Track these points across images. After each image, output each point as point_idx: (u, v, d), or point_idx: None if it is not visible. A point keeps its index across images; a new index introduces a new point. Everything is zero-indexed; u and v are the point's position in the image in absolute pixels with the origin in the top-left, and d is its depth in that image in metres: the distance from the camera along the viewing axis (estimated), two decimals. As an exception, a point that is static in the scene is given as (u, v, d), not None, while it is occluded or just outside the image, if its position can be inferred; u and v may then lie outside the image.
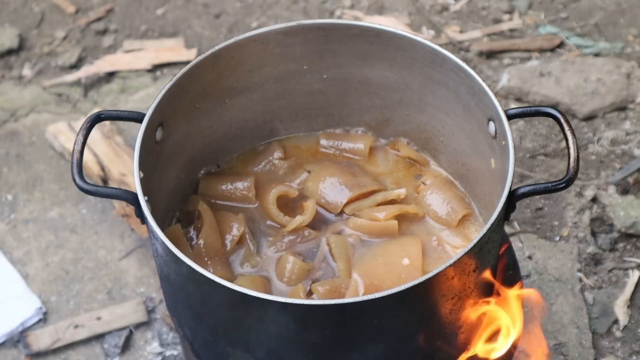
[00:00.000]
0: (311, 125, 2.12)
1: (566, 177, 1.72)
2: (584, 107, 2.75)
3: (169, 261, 1.69)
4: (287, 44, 1.96)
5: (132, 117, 1.83)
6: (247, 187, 1.99)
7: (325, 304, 1.58)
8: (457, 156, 2.02)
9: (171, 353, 2.30)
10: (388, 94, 2.04)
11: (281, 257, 1.89)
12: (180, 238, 1.88)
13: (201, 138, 2.00)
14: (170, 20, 3.06)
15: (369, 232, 1.92)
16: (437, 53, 1.89)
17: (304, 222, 1.92)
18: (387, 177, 2.04)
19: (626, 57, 2.87)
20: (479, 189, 1.98)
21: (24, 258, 2.49)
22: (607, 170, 2.61)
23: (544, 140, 2.69)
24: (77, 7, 3.10)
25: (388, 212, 1.92)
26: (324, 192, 1.96)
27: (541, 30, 2.96)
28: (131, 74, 2.92)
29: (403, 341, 1.73)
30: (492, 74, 2.85)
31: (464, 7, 3.05)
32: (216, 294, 1.63)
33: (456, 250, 1.89)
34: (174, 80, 1.85)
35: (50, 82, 2.91)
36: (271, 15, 3.05)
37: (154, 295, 2.40)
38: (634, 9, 3.01)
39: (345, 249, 1.89)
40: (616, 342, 2.31)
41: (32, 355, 2.32)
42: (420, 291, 1.61)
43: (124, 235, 2.52)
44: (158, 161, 1.86)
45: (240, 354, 1.77)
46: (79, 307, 2.40)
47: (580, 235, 2.47)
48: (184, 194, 2.01)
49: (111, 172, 2.58)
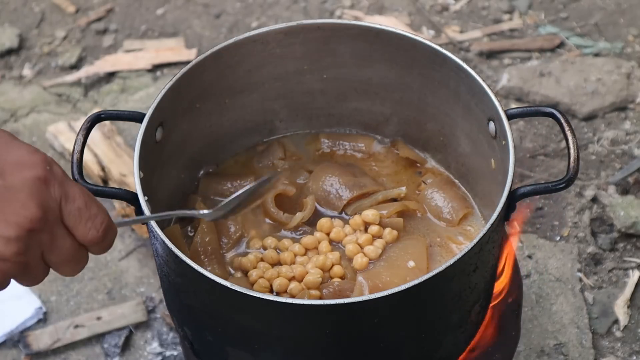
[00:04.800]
0: (311, 125, 2.12)
1: (566, 177, 1.72)
2: (584, 107, 2.75)
3: (169, 261, 1.69)
4: (287, 44, 1.96)
5: (132, 117, 1.83)
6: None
7: (325, 304, 1.58)
8: (457, 156, 2.02)
9: (171, 353, 2.30)
10: (388, 94, 2.04)
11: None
12: (179, 238, 1.88)
13: (201, 138, 2.00)
14: (170, 20, 3.06)
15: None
16: (437, 53, 1.89)
17: (304, 219, 1.92)
18: (388, 177, 2.04)
19: (626, 57, 2.87)
20: (479, 188, 1.98)
21: (24, 258, 2.49)
22: (607, 170, 2.61)
23: (544, 140, 2.69)
24: (77, 7, 3.10)
25: (390, 209, 1.92)
26: (325, 192, 1.96)
27: (541, 30, 2.96)
28: (131, 74, 2.92)
29: (403, 341, 1.73)
30: (492, 74, 2.85)
31: (464, 7, 3.05)
32: (216, 294, 1.62)
33: (461, 248, 1.89)
34: (174, 80, 1.85)
35: (51, 82, 2.91)
36: (271, 15, 3.05)
37: (154, 295, 2.40)
38: (634, 9, 3.01)
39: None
40: (616, 342, 2.31)
41: (32, 355, 2.32)
42: (419, 291, 1.61)
43: (124, 235, 2.52)
44: (158, 161, 1.86)
45: (240, 354, 1.77)
46: (79, 307, 2.40)
47: (580, 235, 2.47)
48: (184, 194, 2.01)
49: (111, 172, 2.58)
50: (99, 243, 1.40)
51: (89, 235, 1.39)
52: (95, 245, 1.40)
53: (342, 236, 1.91)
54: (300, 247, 1.89)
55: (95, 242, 1.40)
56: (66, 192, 1.36)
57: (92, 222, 1.38)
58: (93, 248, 1.41)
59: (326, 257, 1.85)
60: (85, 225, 1.38)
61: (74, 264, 1.40)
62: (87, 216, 1.38)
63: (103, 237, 1.40)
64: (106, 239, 1.41)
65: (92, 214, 1.39)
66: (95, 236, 1.39)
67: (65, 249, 1.37)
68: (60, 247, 1.37)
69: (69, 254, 1.38)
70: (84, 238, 1.39)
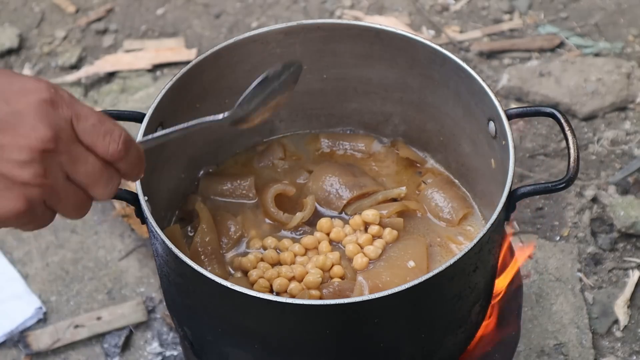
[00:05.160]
0: (311, 125, 2.12)
1: (566, 177, 1.71)
2: (584, 107, 2.75)
3: (169, 261, 1.69)
4: (287, 44, 1.96)
5: (132, 117, 1.83)
6: (247, 186, 1.99)
7: (325, 304, 1.58)
8: (457, 156, 2.02)
9: (171, 353, 2.30)
10: (388, 94, 2.04)
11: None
12: (179, 238, 1.88)
13: (201, 138, 2.00)
14: (170, 20, 3.06)
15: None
16: (437, 53, 1.89)
17: (304, 219, 1.92)
18: (387, 177, 2.04)
19: (626, 57, 2.87)
20: (479, 188, 1.98)
21: (24, 258, 2.49)
22: (607, 170, 2.61)
23: (544, 140, 2.69)
24: (77, 7, 3.10)
25: (390, 209, 1.92)
26: (325, 192, 1.96)
27: (541, 30, 2.96)
28: (131, 74, 2.92)
29: (403, 341, 1.73)
30: (492, 74, 2.85)
31: (464, 7, 3.05)
32: (216, 293, 1.62)
33: (461, 248, 1.89)
34: (174, 80, 1.85)
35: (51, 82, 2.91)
36: (271, 15, 3.05)
37: (154, 295, 2.40)
38: (634, 9, 3.01)
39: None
40: (616, 342, 2.31)
41: (32, 355, 2.32)
42: (419, 291, 1.61)
43: (124, 235, 2.52)
44: (158, 161, 1.86)
45: (240, 354, 1.77)
46: (79, 307, 2.40)
47: (580, 235, 2.47)
48: (184, 194, 2.01)
49: (111, 172, 2.58)
50: (123, 157, 1.36)
51: (110, 149, 1.35)
52: (120, 160, 1.37)
53: (342, 236, 1.91)
54: (300, 247, 1.89)
55: (118, 157, 1.36)
56: (77, 111, 1.34)
57: (110, 136, 1.35)
58: (120, 164, 1.37)
59: (326, 257, 1.85)
60: (104, 140, 1.35)
61: (106, 184, 1.36)
62: (103, 131, 1.35)
63: (125, 149, 1.36)
64: (129, 152, 1.37)
65: (108, 129, 1.35)
66: (116, 149, 1.35)
67: (90, 166, 1.34)
68: (84, 165, 1.34)
69: (95, 171, 1.35)
70: (105, 153, 1.35)
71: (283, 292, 1.82)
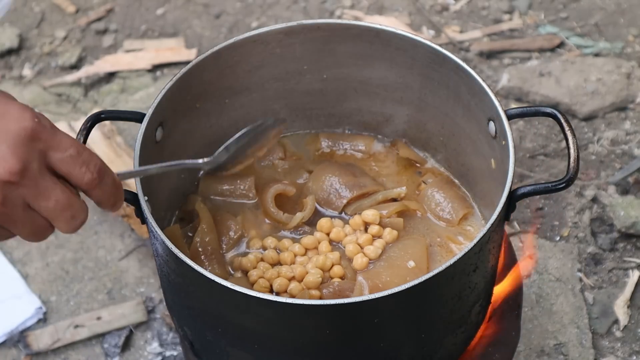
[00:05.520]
0: (311, 125, 2.13)
1: (566, 177, 1.71)
2: (584, 107, 2.75)
3: (169, 261, 1.69)
4: (287, 44, 1.96)
5: (132, 117, 1.83)
6: (247, 186, 1.99)
7: (325, 304, 1.58)
8: (457, 156, 2.02)
9: (171, 353, 2.30)
10: (388, 94, 2.04)
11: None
12: (179, 238, 1.88)
13: (201, 138, 2.00)
14: (170, 20, 3.06)
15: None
16: (437, 53, 1.89)
17: (304, 219, 1.92)
18: (387, 177, 2.04)
19: (626, 57, 2.87)
20: (479, 188, 1.98)
21: (24, 258, 2.49)
22: (607, 170, 2.61)
23: (544, 140, 2.69)
24: (77, 7, 3.10)
25: (390, 209, 1.92)
26: (325, 192, 1.96)
27: (541, 30, 2.96)
28: (131, 74, 2.92)
29: (403, 341, 1.73)
30: (492, 74, 2.85)
31: (464, 7, 3.05)
32: (216, 294, 1.63)
33: (461, 248, 1.89)
34: (174, 80, 1.85)
35: (51, 82, 2.91)
36: (271, 15, 3.05)
37: (154, 295, 2.40)
38: (634, 9, 3.01)
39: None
40: (616, 342, 2.31)
41: (32, 355, 2.32)
42: (419, 291, 1.61)
43: (124, 235, 2.52)
44: (158, 161, 1.86)
45: (240, 354, 1.77)
46: (79, 307, 2.40)
47: (580, 235, 2.47)
48: (184, 194, 2.01)
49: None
50: (96, 185, 1.41)
51: (85, 178, 1.39)
52: (94, 188, 1.41)
53: (342, 236, 1.91)
54: (300, 247, 1.89)
55: (92, 185, 1.40)
56: (57, 142, 1.37)
57: (86, 166, 1.39)
58: (94, 193, 1.41)
59: (326, 257, 1.85)
60: (80, 170, 1.39)
61: (68, 216, 1.40)
62: (80, 161, 1.39)
63: (99, 178, 1.41)
64: (103, 181, 1.41)
65: (85, 159, 1.40)
66: (91, 178, 1.40)
67: (53, 202, 1.38)
68: (46, 200, 1.37)
69: (58, 207, 1.38)
70: (80, 182, 1.40)
71: (283, 292, 1.82)
